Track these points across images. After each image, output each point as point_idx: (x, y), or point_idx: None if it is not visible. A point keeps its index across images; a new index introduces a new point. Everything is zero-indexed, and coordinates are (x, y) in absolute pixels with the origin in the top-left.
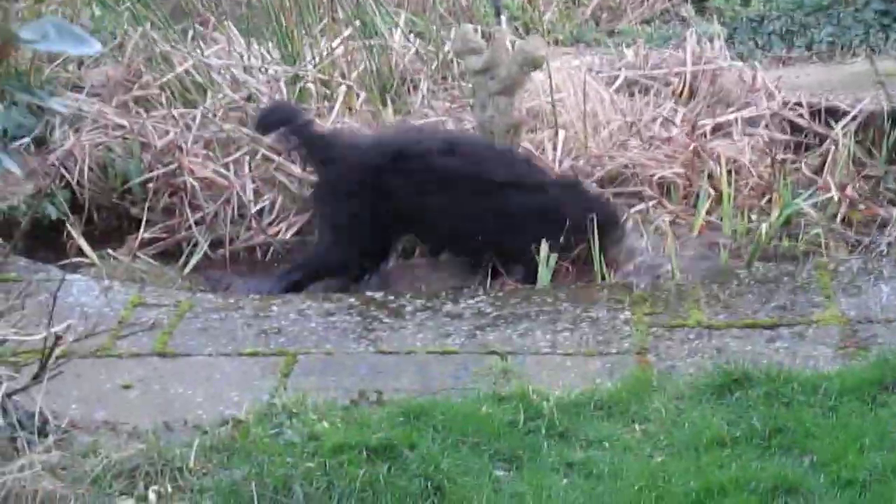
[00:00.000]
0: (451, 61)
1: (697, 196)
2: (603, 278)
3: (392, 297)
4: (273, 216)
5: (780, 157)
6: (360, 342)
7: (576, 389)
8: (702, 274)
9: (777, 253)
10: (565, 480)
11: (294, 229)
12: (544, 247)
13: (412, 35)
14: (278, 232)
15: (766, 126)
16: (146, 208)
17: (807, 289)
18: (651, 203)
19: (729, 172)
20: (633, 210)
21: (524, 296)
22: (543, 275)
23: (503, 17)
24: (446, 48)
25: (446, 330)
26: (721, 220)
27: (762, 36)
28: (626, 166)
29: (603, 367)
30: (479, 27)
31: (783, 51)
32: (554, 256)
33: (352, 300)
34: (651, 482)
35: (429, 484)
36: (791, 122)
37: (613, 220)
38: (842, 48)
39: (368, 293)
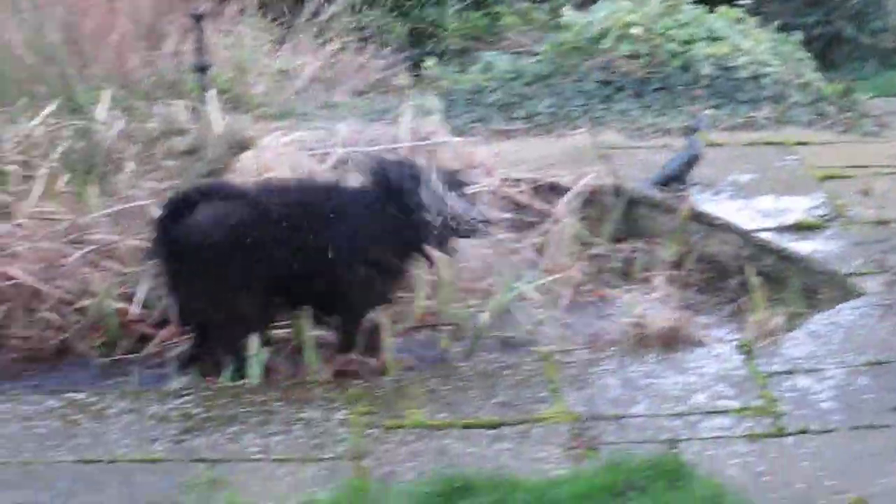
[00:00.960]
0: (159, 139)
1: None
2: (316, 373)
3: (94, 399)
4: None
5: (500, 236)
6: (60, 450)
7: (289, 501)
8: (421, 366)
9: (500, 342)
10: None
11: None
12: (254, 340)
13: (118, 111)
14: None
15: (485, 204)
16: None
17: (531, 383)
18: None
19: None
20: None
21: (234, 394)
22: (253, 371)
23: (211, 93)
24: (153, 125)
25: (152, 434)
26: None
27: (480, 108)
28: None
29: (318, 474)
30: (186, 103)
31: (503, 123)
32: (264, 352)
33: (51, 402)
34: None
35: None
36: (511, 199)
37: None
38: (563, 120)
39: (69, 394)
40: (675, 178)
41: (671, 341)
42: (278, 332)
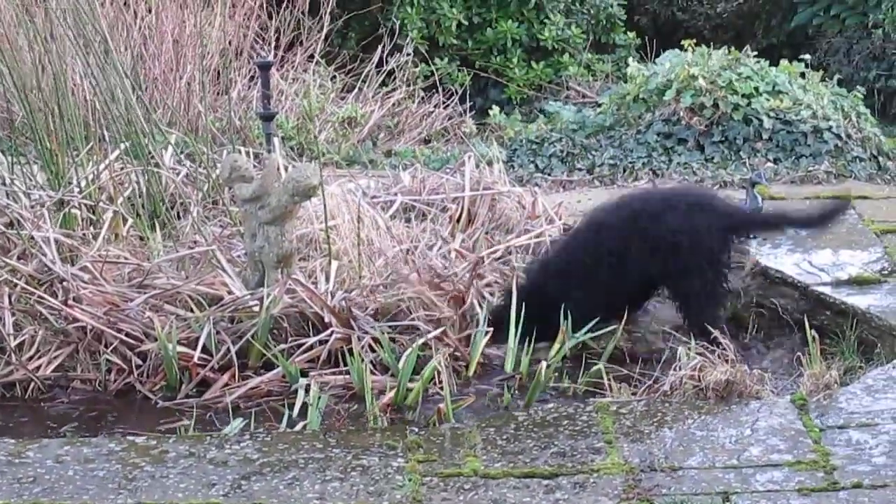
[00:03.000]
0: (223, 185)
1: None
2: (376, 422)
3: (154, 442)
4: (33, 350)
5: None
6: (120, 493)
7: None
8: (479, 416)
9: (558, 391)
10: None
11: (55, 364)
12: (314, 386)
13: (183, 156)
14: (39, 367)
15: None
16: None
17: (587, 433)
18: (431, 336)
19: None
20: (410, 346)
21: (292, 440)
22: (312, 417)
23: (276, 141)
24: (217, 171)
25: (210, 479)
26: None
27: (542, 158)
28: (401, 300)
29: None
30: (250, 150)
31: (564, 174)
32: (325, 397)
33: (111, 445)
34: None
35: None
36: None
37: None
38: (624, 171)
39: (129, 437)
40: None
41: (727, 394)
42: (337, 378)
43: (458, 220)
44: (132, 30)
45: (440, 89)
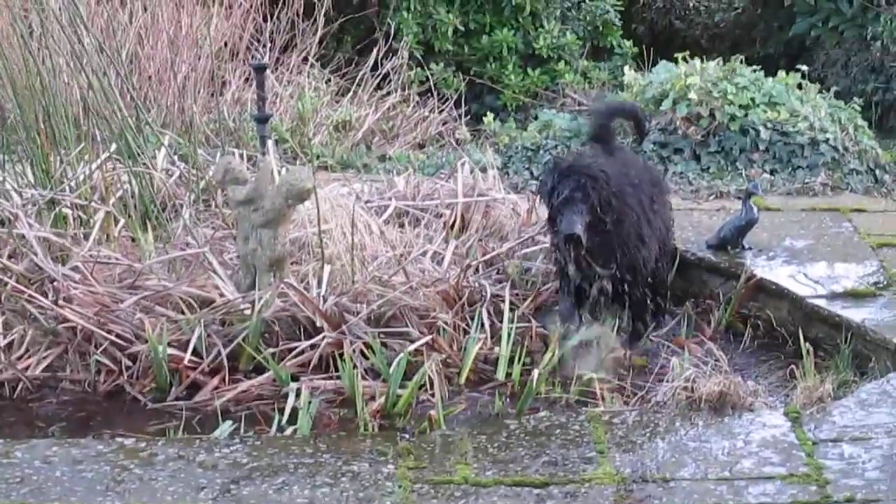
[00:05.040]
0: (216, 188)
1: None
2: (366, 428)
3: (143, 445)
4: (22, 350)
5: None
6: (108, 495)
7: None
8: (470, 423)
9: (550, 401)
10: None
11: (45, 364)
12: (304, 390)
13: (176, 157)
14: (28, 367)
15: (542, 260)
16: None
17: (579, 442)
18: (421, 343)
19: (499, 312)
20: (401, 352)
21: (282, 445)
22: (303, 422)
23: (269, 143)
24: (211, 173)
25: (199, 483)
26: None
27: (538, 166)
28: (394, 305)
29: None
30: (244, 152)
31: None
32: (315, 402)
33: (100, 447)
34: None
35: None
36: None
37: None
38: None
39: (118, 438)
40: (730, 242)
41: (720, 405)
42: (328, 383)
43: (451, 227)
44: (128, 29)
45: (435, 94)
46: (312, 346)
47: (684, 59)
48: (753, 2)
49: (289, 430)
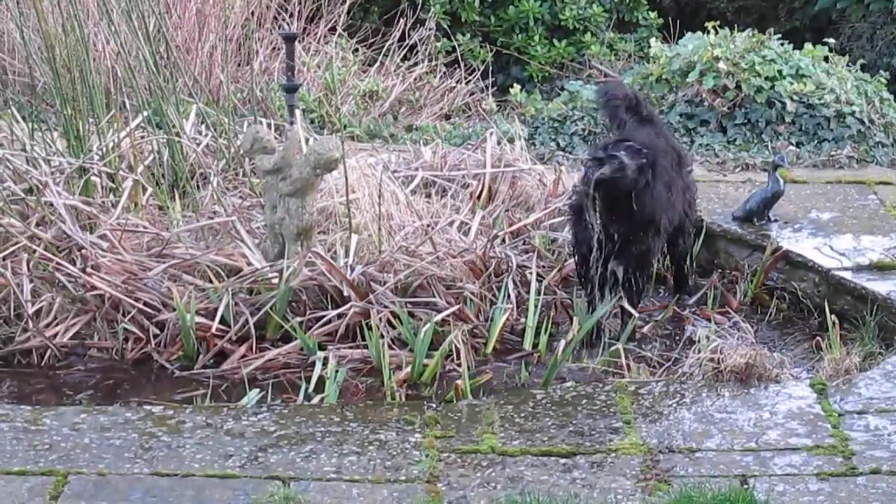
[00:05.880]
0: (244, 156)
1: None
2: (393, 397)
3: (171, 412)
4: (51, 317)
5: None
6: (136, 462)
7: None
8: (497, 393)
9: (577, 370)
10: None
11: (73, 331)
12: (331, 359)
13: (204, 126)
14: (56, 334)
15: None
16: None
17: (606, 413)
18: (448, 313)
19: (526, 283)
20: (427, 321)
21: (310, 413)
22: (330, 390)
23: (297, 114)
24: (239, 142)
25: (227, 450)
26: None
27: (564, 137)
28: (420, 275)
29: (391, 497)
30: (272, 121)
31: (585, 152)
32: (342, 371)
33: (128, 414)
34: None
35: None
36: None
37: None
38: None
39: (146, 406)
40: (756, 214)
41: (746, 377)
42: (355, 352)
43: (478, 197)
44: None
45: (462, 65)
46: (339, 316)
47: (714, 28)
48: None
49: (316, 399)
